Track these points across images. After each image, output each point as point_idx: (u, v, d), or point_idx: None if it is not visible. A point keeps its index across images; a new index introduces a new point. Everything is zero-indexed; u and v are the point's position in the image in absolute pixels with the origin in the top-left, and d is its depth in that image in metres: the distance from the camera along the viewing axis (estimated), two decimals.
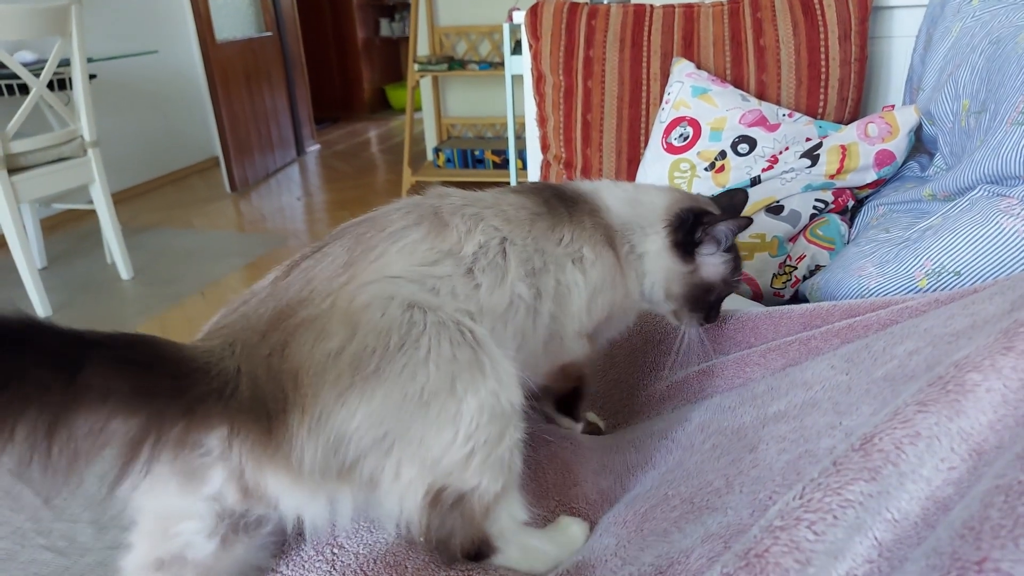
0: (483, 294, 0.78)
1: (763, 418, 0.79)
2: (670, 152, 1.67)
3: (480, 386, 0.69)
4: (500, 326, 0.79)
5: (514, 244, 0.84)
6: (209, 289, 3.25)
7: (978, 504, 0.45)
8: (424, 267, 0.75)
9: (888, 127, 1.47)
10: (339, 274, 0.72)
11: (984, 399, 0.53)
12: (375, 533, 0.73)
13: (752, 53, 1.72)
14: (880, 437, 0.54)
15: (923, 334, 0.74)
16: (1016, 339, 0.55)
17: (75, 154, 2.98)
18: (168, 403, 0.57)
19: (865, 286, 1.17)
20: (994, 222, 1.05)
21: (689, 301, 1.00)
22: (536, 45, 1.89)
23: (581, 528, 0.82)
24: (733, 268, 1.00)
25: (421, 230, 0.79)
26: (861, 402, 0.69)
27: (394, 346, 0.66)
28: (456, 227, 0.81)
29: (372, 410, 0.64)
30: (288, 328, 0.67)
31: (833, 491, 0.53)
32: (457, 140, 4.84)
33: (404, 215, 0.81)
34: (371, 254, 0.74)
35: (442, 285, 0.75)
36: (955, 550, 0.43)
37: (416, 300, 0.70)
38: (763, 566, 0.51)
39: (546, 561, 0.76)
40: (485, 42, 4.68)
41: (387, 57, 8.33)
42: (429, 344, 0.67)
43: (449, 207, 0.83)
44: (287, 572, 0.70)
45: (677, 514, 0.72)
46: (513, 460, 0.74)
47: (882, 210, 1.44)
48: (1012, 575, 0.40)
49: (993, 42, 1.22)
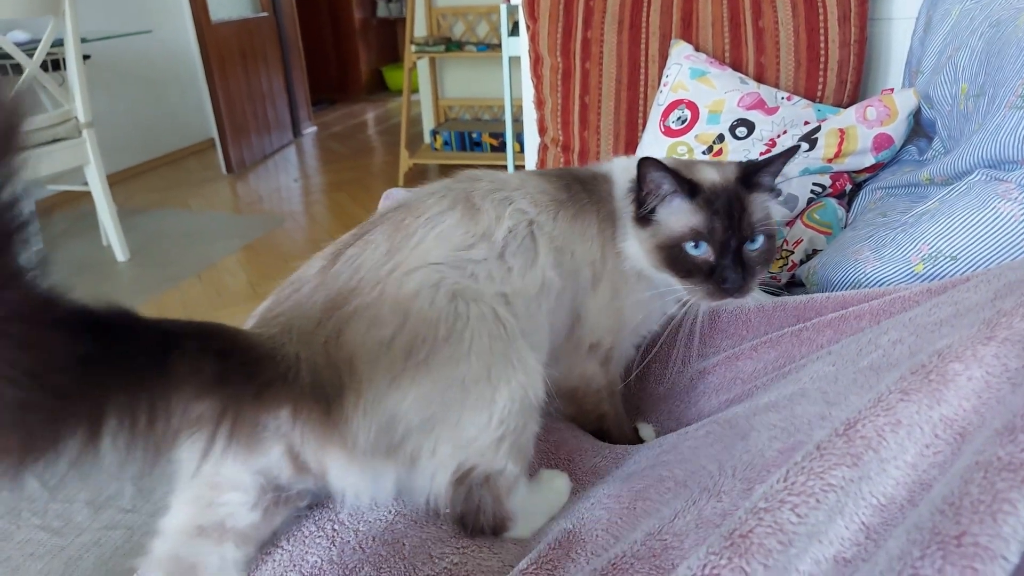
0: (515, 277, 0.82)
1: (754, 408, 0.80)
2: (668, 135, 1.66)
3: (512, 377, 0.75)
4: (535, 307, 0.84)
5: (542, 228, 0.87)
6: (206, 271, 3.24)
7: (958, 480, 0.46)
8: (461, 252, 0.79)
9: (887, 110, 1.47)
10: (384, 262, 0.76)
11: (966, 387, 0.54)
12: (375, 511, 0.74)
13: (751, 34, 1.71)
14: (863, 424, 0.55)
15: (907, 323, 0.75)
16: (997, 328, 0.56)
17: (70, 135, 2.96)
18: (242, 387, 0.61)
19: (861, 270, 1.17)
20: (991, 206, 1.04)
21: (671, 267, 0.90)
22: (534, 26, 1.88)
23: (564, 481, 0.87)
24: (708, 214, 0.88)
25: (455, 215, 0.82)
26: (849, 391, 0.70)
27: (442, 337, 0.71)
28: (487, 212, 0.84)
29: (421, 394, 0.70)
30: (342, 316, 0.71)
31: (816, 475, 0.54)
32: (454, 122, 4.82)
33: (438, 200, 0.84)
34: (411, 240, 0.78)
35: (479, 270, 0.79)
36: (935, 525, 0.44)
37: (459, 289, 0.75)
38: (747, 546, 0.52)
39: (540, 518, 0.82)
40: (483, 23, 4.64)
41: (384, 38, 8.27)
42: (472, 336, 0.73)
43: (480, 191, 0.87)
44: (288, 547, 0.71)
45: (671, 495, 0.72)
46: (530, 448, 0.80)
47: (879, 194, 1.44)
48: (990, 548, 0.41)
49: (993, 24, 1.21)
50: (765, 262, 0.91)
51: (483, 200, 0.85)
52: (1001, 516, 0.42)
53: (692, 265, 0.89)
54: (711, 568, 0.52)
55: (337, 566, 0.68)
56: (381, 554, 0.69)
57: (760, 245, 0.90)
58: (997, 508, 0.42)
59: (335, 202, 4.27)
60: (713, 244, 0.88)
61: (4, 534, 1.67)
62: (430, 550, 0.71)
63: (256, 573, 0.69)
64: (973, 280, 0.74)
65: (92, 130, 3.04)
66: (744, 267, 0.88)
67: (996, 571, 0.41)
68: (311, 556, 0.69)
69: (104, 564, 1.58)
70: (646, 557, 0.64)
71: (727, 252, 0.88)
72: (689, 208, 0.89)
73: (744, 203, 0.89)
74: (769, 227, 0.91)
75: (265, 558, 0.70)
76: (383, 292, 0.73)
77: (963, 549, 0.42)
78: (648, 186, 0.88)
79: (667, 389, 1.09)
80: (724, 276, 0.87)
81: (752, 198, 0.90)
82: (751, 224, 0.89)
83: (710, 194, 0.89)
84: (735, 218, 0.88)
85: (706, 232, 0.88)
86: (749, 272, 0.88)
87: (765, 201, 0.92)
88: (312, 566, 0.68)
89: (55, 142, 2.89)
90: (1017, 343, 0.55)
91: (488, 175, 0.92)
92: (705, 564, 0.53)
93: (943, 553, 0.42)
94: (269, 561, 0.70)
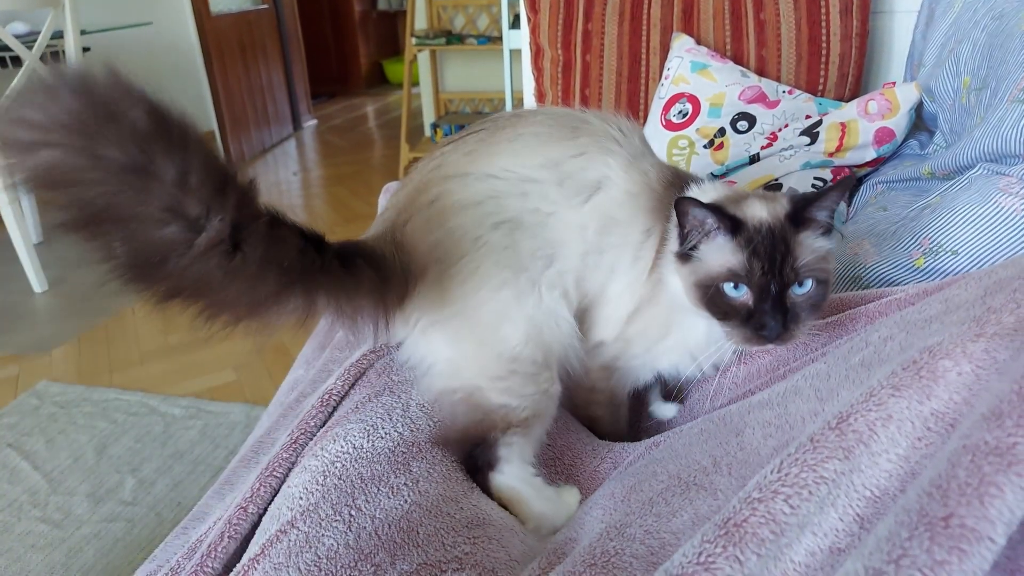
0: (561, 208, 0.86)
1: (748, 405, 0.80)
2: (669, 129, 1.66)
3: (519, 316, 0.83)
4: (572, 243, 0.87)
5: (609, 190, 0.87)
6: None
7: (945, 463, 0.47)
8: (526, 169, 0.85)
9: (888, 104, 1.46)
10: (462, 162, 0.86)
11: (956, 382, 0.55)
12: (392, 498, 0.74)
13: (752, 27, 1.70)
14: (855, 418, 0.56)
15: (897, 321, 0.75)
16: (987, 325, 0.57)
17: None
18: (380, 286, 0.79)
19: (862, 264, 1.16)
20: (993, 201, 1.04)
21: (709, 306, 0.84)
22: (535, 18, 1.87)
23: (574, 495, 0.86)
24: (748, 254, 0.81)
25: (549, 136, 0.87)
26: (841, 388, 0.70)
27: (460, 256, 0.83)
28: (580, 144, 0.87)
29: (443, 300, 0.83)
30: (415, 206, 0.85)
31: (809, 467, 0.55)
32: (455, 115, 4.80)
33: (546, 119, 0.90)
34: (493, 147, 0.87)
35: (533, 190, 0.85)
36: (923, 507, 0.45)
37: (500, 215, 0.84)
38: (741, 535, 0.53)
39: (548, 523, 0.83)
40: (483, 15, 4.63)
41: (384, 31, 8.24)
42: (490, 270, 0.83)
43: (592, 130, 0.89)
44: (305, 528, 0.71)
45: (663, 487, 0.73)
46: (541, 407, 0.85)
47: (880, 188, 1.43)
48: (977, 530, 0.43)
49: (995, 17, 1.20)
50: (813, 308, 0.82)
51: (588, 137, 0.88)
52: (988, 499, 0.43)
53: (729, 307, 0.82)
54: (706, 556, 0.53)
55: (353, 551, 0.68)
56: (396, 540, 0.70)
57: (807, 290, 0.81)
58: (984, 491, 0.44)
59: (335, 196, 4.27)
60: (752, 287, 0.81)
61: (5, 526, 1.67)
62: (443, 539, 0.71)
63: (271, 550, 0.69)
64: (964, 278, 0.75)
65: None
66: (786, 314, 0.80)
67: (983, 552, 0.42)
68: (327, 539, 0.70)
69: (105, 556, 1.58)
70: (643, 555, 0.64)
71: (767, 296, 0.80)
72: (730, 247, 0.82)
73: (790, 244, 0.81)
74: (821, 271, 0.82)
75: (281, 536, 0.71)
76: (439, 196, 0.84)
77: (951, 531, 0.43)
78: (691, 223, 0.82)
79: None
80: (762, 323, 0.80)
81: (801, 238, 0.82)
82: (795, 268, 0.80)
83: (753, 232, 0.81)
84: (777, 260, 0.80)
85: (744, 274, 0.81)
86: (793, 320, 0.81)
87: (818, 241, 0.83)
88: (328, 549, 0.68)
89: None
90: (1006, 336, 0.56)
91: (623, 129, 0.92)
92: (700, 552, 0.54)
93: (931, 534, 0.43)
94: (284, 540, 0.70)
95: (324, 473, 0.77)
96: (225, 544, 0.76)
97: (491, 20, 4.60)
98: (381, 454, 0.79)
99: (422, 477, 0.77)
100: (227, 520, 0.78)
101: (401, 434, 0.82)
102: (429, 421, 0.86)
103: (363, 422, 0.84)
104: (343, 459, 0.79)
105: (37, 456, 1.93)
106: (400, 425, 0.84)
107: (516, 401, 0.83)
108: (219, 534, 0.76)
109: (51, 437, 2.01)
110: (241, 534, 0.77)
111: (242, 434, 2.00)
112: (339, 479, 0.76)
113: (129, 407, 2.15)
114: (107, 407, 2.15)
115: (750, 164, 1.53)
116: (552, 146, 0.87)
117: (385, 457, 0.79)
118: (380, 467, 0.77)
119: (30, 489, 1.80)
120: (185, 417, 2.09)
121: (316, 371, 1.09)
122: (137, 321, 2.73)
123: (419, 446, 0.82)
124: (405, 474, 0.77)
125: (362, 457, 0.79)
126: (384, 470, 0.77)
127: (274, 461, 0.83)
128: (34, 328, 2.69)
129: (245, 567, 0.69)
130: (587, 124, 0.89)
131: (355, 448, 0.80)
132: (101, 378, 2.34)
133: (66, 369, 2.40)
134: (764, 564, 0.51)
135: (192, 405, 2.15)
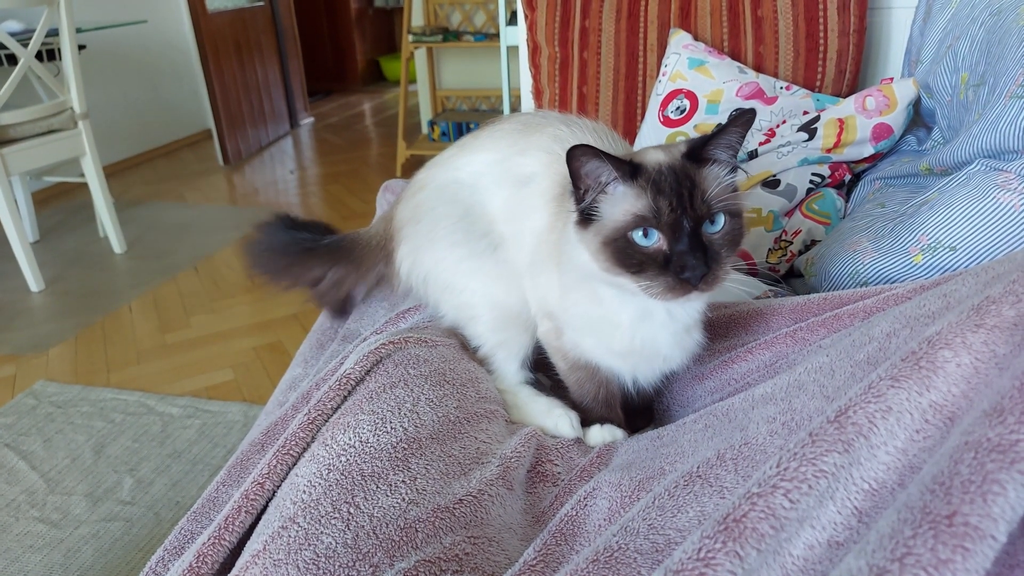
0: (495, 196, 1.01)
1: (751, 399, 0.80)
2: (666, 125, 1.65)
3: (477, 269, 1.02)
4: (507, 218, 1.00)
5: (538, 186, 0.97)
6: (202, 262, 3.24)
7: (947, 460, 0.47)
8: (485, 165, 1.01)
9: (886, 100, 1.46)
10: (446, 160, 1.07)
11: (955, 373, 0.55)
12: (390, 496, 0.74)
13: (750, 23, 1.70)
14: (854, 410, 0.56)
15: (899, 316, 0.75)
16: (986, 316, 0.57)
17: (65, 126, 2.94)
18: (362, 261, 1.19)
19: (860, 261, 1.16)
20: (991, 197, 1.04)
21: (622, 263, 0.79)
22: (532, 15, 1.87)
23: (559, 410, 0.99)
24: (653, 195, 0.77)
25: (510, 137, 1.01)
26: (847, 386, 0.70)
27: (417, 221, 1.06)
28: (531, 139, 0.99)
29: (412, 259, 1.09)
30: (402, 197, 1.12)
31: (808, 461, 0.55)
32: (452, 113, 4.80)
33: (510, 121, 1.04)
34: (471, 149, 1.04)
35: (480, 181, 1.01)
36: (925, 504, 0.45)
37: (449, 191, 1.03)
38: (741, 530, 0.54)
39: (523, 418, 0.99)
40: (480, 12, 4.62)
41: (381, 28, 8.22)
42: (438, 228, 1.03)
43: (540, 123, 1.00)
44: (304, 525, 0.71)
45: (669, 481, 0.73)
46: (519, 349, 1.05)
47: (878, 184, 1.43)
48: (980, 528, 0.42)
49: (994, 13, 1.20)
50: (731, 244, 0.78)
51: (540, 134, 0.98)
52: (991, 497, 0.43)
53: (644, 256, 0.77)
54: (706, 551, 0.53)
55: (351, 550, 0.68)
56: (394, 540, 0.69)
57: (722, 225, 0.78)
58: (987, 489, 0.44)
59: (332, 194, 4.26)
60: (662, 228, 0.76)
61: (3, 527, 1.67)
62: (442, 539, 0.71)
63: (271, 545, 0.69)
64: (962, 274, 0.75)
65: (88, 121, 3.02)
66: (706, 252, 0.76)
67: (986, 550, 0.42)
68: (326, 537, 0.69)
69: (103, 556, 1.58)
70: (648, 552, 0.64)
71: (681, 236, 0.75)
72: (632, 193, 0.78)
73: (695, 179, 0.77)
74: (732, 204, 0.78)
75: (282, 532, 0.70)
76: (423, 186, 1.07)
77: (954, 528, 0.43)
78: (585, 181, 0.79)
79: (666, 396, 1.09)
80: (682, 264, 0.75)
81: (704, 173, 0.79)
82: (706, 201, 0.77)
83: (653, 174, 0.77)
84: (685, 196, 0.76)
85: (652, 216, 0.76)
86: (714, 259, 0.76)
87: (723, 176, 0.79)
88: (327, 547, 0.68)
89: (50, 133, 2.88)
90: (1005, 330, 0.55)
91: (578, 125, 0.99)
92: (700, 547, 0.54)
93: (934, 532, 0.43)
94: (285, 536, 0.70)
95: (329, 467, 0.77)
96: (243, 518, 0.76)
97: (488, 17, 4.59)
98: (383, 450, 0.79)
99: (419, 475, 0.77)
100: (244, 494, 0.78)
101: (405, 429, 0.82)
102: (434, 416, 0.86)
103: (374, 414, 0.84)
104: (348, 452, 0.78)
105: (34, 456, 1.93)
106: (406, 420, 0.84)
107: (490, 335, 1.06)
108: (236, 507, 0.77)
109: (48, 437, 2.01)
110: (257, 509, 0.77)
111: (240, 433, 2.00)
112: (341, 474, 0.76)
113: (127, 406, 2.14)
114: (104, 407, 2.15)
115: (748, 160, 1.53)
116: (503, 144, 1.01)
117: (387, 453, 0.79)
118: (380, 464, 0.77)
119: (28, 489, 1.80)
120: (183, 416, 2.09)
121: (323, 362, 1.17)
122: (134, 320, 2.72)
123: (420, 442, 0.81)
124: (404, 472, 0.77)
125: (366, 452, 0.79)
126: (384, 467, 0.77)
127: (291, 439, 0.83)
128: (31, 327, 2.68)
129: (247, 563, 0.69)
130: (544, 127, 1.00)
131: (361, 442, 0.80)
132: (98, 377, 2.34)
133: (63, 368, 2.40)
134: (764, 559, 0.52)
135: (190, 404, 2.15)
